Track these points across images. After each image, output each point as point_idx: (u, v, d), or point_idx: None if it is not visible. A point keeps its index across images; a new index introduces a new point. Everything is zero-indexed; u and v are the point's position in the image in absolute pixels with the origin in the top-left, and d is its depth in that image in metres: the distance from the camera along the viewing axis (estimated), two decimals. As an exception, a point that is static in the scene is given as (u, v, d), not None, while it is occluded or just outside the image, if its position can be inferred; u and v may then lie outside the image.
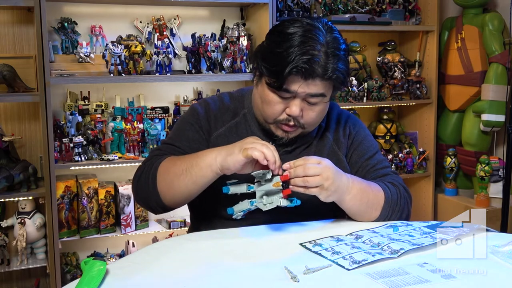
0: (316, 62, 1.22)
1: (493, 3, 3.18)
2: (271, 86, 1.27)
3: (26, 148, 2.66)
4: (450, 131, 3.29)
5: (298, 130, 1.33)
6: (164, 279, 0.99)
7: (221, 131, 1.41)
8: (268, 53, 1.28)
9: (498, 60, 2.97)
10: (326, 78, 1.24)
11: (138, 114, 2.72)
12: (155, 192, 1.30)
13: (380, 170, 1.43)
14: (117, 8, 2.77)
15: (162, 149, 1.40)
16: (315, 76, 1.23)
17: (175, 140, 1.41)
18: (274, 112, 1.30)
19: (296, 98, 1.27)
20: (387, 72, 3.28)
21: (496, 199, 2.99)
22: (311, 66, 1.22)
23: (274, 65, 1.24)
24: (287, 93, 1.26)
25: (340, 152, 1.44)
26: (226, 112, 1.43)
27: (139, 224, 2.73)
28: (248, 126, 1.42)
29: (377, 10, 3.19)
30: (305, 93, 1.25)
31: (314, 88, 1.25)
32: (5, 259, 2.52)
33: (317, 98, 1.28)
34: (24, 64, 2.55)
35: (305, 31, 1.24)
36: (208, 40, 2.75)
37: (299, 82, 1.24)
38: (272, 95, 1.28)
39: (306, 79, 1.23)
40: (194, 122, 1.42)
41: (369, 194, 1.31)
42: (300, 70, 1.22)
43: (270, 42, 1.30)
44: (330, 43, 1.25)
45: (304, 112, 1.29)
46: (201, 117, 1.42)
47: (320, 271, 1.01)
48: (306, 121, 1.31)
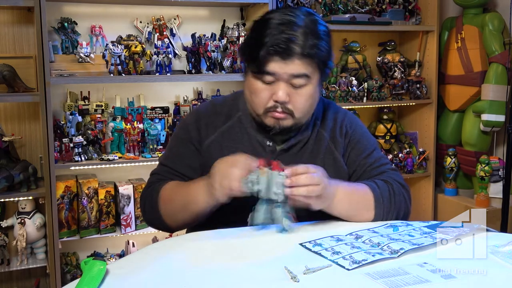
0: (292, 41, 1.24)
1: (493, 3, 3.18)
2: (253, 72, 1.29)
3: (26, 148, 2.66)
4: (450, 131, 3.29)
5: (288, 118, 1.32)
6: (164, 279, 0.99)
7: (213, 137, 1.42)
8: (247, 41, 1.33)
9: (498, 60, 2.97)
10: (305, 55, 1.25)
11: (138, 114, 2.72)
12: (162, 222, 1.38)
13: (377, 168, 1.42)
14: (117, 8, 2.77)
15: (160, 173, 1.44)
16: (293, 54, 1.24)
17: (170, 161, 1.45)
18: (262, 100, 1.30)
19: (280, 82, 1.27)
20: (387, 72, 3.28)
21: (496, 199, 2.99)
22: (288, 45, 1.23)
23: (252, 49, 1.27)
24: (268, 76, 1.27)
25: (337, 151, 1.43)
26: (217, 117, 1.44)
27: (139, 224, 2.73)
28: (243, 128, 1.42)
29: (377, 10, 3.19)
30: (287, 73, 1.26)
31: (294, 67, 1.25)
32: (5, 259, 2.52)
33: (300, 79, 1.27)
34: (24, 64, 2.55)
35: (283, 16, 1.27)
36: (208, 40, 2.75)
37: (278, 62, 1.25)
38: (257, 83, 1.30)
39: (284, 58, 1.24)
40: (183, 136, 1.45)
41: (356, 196, 1.31)
42: (276, 50, 1.23)
43: (250, 31, 1.34)
44: (309, 23, 1.27)
45: (291, 97, 1.29)
46: (190, 128, 1.44)
47: (320, 271, 1.01)
48: (295, 106, 1.30)
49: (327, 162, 1.41)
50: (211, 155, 1.35)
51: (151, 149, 2.65)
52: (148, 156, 2.61)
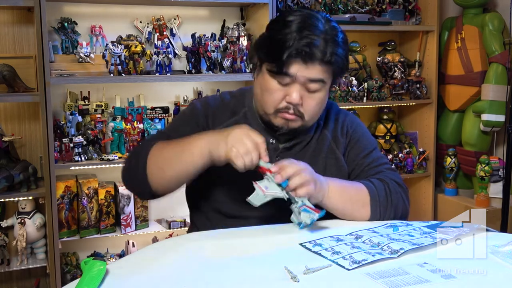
0: (315, 46, 1.24)
1: (493, 3, 3.18)
2: (271, 71, 1.28)
3: (26, 148, 2.66)
4: (450, 131, 3.29)
5: (298, 120, 1.32)
6: (164, 279, 0.98)
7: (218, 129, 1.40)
8: (268, 40, 1.31)
9: (498, 60, 2.97)
10: (325, 62, 1.25)
11: (138, 114, 2.72)
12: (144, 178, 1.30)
13: (375, 168, 1.42)
14: (117, 8, 2.77)
15: (156, 139, 1.40)
16: (315, 60, 1.25)
17: (170, 132, 1.41)
18: (274, 99, 1.30)
19: (296, 84, 1.27)
20: (387, 72, 3.28)
21: (496, 199, 2.99)
22: (311, 49, 1.24)
23: (274, 49, 1.26)
24: (287, 77, 1.27)
25: (338, 150, 1.44)
26: (225, 110, 1.44)
27: (139, 224, 2.73)
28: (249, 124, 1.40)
29: (377, 10, 3.19)
30: (305, 77, 1.26)
31: (314, 72, 1.26)
32: (5, 259, 2.52)
33: (316, 84, 1.28)
34: (24, 64, 2.55)
35: (304, 19, 1.27)
36: (208, 40, 2.75)
37: (299, 65, 1.25)
38: (272, 82, 1.29)
39: (306, 62, 1.25)
40: (191, 119, 1.43)
41: (349, 192, 1.32)
42: (300, 53, 1.23)
43: (270, 30, 1.33)
44: (329, 30, 1.27)
45: (303, 100, 1.29)
46: (199, 113, 1.43)
47: (320, 271, 1.01)
48: (306, 109, 1.30)
49: (329, 161, 1.42)
50: None
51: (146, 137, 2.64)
52: (148, 156, 2.60)
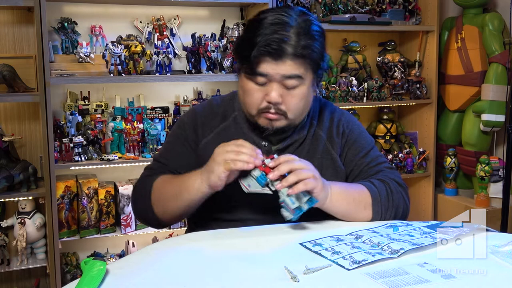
0: (284, 41, 1.23)
1: (493, 3, 3.18)
2: (246, 73, 1.28)
3: (26, 148, 2.66)
4: (450, 131, 3.29)
5: (281, 119, 1.31)
6: (164, 279, 0.99)
7: (209, 138, 1.41)
8: (240, 41, 1.32)
9: (498, 60, 2.97)
10: (297, 56, 1.24)
11: (138, 114, 2.72)
12: (152, 213, 1.37)
13: (374, 167, 1.42)
14: (117, 8, 2.77)
15: (154, 168, 1.44)
16: (284, 55, 1.23)
17: (165, 158, 1.45)
18: (254, 101, 1.29)
19: (272, 82, 1.26)
20: (387, 72, 3.28)
21: (496, 199, 2.99)
22: (280, 45, 1.22)
23: (244, 50, 1.26)
24: (261, 77, 1.26)
25: (334, 151, 1.42)
26: (214, 117, 1.44)
27: (139, 224, 2.72)
28: (239, 128, 1.41)
29: (377, 10, 3.19)
30: (279, 74, 1.25)
31: (286, 68, 1.24)
32: (5, 259, 2.52)
33: (293, 80, 1.26)
34: (24, 64, 2.55)
35: (276, 16, 1.26)
36: (208, 40, 2.75)
37: (270, 63, 1.24)
38: (250, 83, 1.29)
39: (276, 59, 1.23)
40: (180, 136, 1.44)
41: (351, 194, 1.31)
42: (267, 51, 1.22)
43: (243, 31, 1.34)
44: (302, 23, 1.26)
45: (284, 98, 1.28)
46: (187, 128, 1.43)
47: (320, 271, 1.01)
48: (288, 107, 1.29)
49: (325, 162, 1.40)
50: (207, 156, 1.34)
51: (151, 149, 2.65)
52: (148, 156, 2.61)
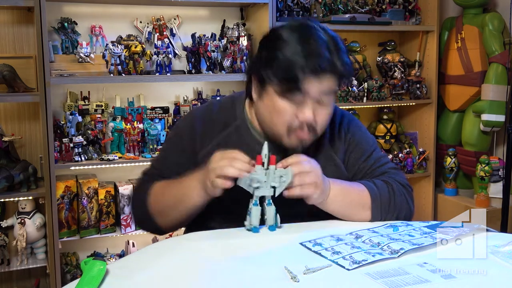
0: (324, 58, 1.22)
1: (493, 3, 3.18)
2: (280, 91, 1.24)
3: (26, 148, 2.66)
4: (450, 131, 3.29)
5: (311, 136, 1.30)
6: (164, 279, 0.99)
7: (208, 148, 1.37)
8: (272, 61, 1.24)
9: (498, 60, 2.97)
10: (335, 73, 1.24)
11: (138, 114, 2.72)
12: (152, 221, 1.36)
13: (378, 169, 1.41)
14: (117, 8, 2.77)
15: (150, 175, 1.43)
16: (326, 73, 1.22)
17: (161, 165, 1.43)
18: (286, 119, 1.26)
19: (308, 100, 1.24)
20: (387, 72, 3.28)
21: (496, 199, 2.99)
22: (321, 62, 1.21)
23: (282, 69, 1.22)
24: (300, 95, 1.23)
25: (337, 156, 1.41)
26: (213, 125, 1.40)
27: (139, 224, 2.72)
28: (241, 138, 1.38)
29: (377, 10, 3.19)
30: (319, 92, 1.24)
31: (327, 85, 1.24)
32: (5, 259, 2.52)
33: (330, 96, 1.27)
34: (24, 64, 2.55)
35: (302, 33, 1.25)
36: (208, 40, 2.75)
37: (312, 81, 1.22)
38: (282, 102, 1.25)
39: (319, 76, 1.22)
40: (176, 145, 1.43)
41: (351, 194, 1.30)
42: (312, 69, 1.20)
43: (268, 49, 1.27)
44: (330, 40, 1.26)
45: (316, 113, 1.26)
46: (184, 137, 1.41)
47: (320, 271, 1.01)
48: (319, 123, 1.28)
49: (329, 168, 1.37)
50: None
51: (151, 149, 2.65)
52: (148, 156, 2.61)
